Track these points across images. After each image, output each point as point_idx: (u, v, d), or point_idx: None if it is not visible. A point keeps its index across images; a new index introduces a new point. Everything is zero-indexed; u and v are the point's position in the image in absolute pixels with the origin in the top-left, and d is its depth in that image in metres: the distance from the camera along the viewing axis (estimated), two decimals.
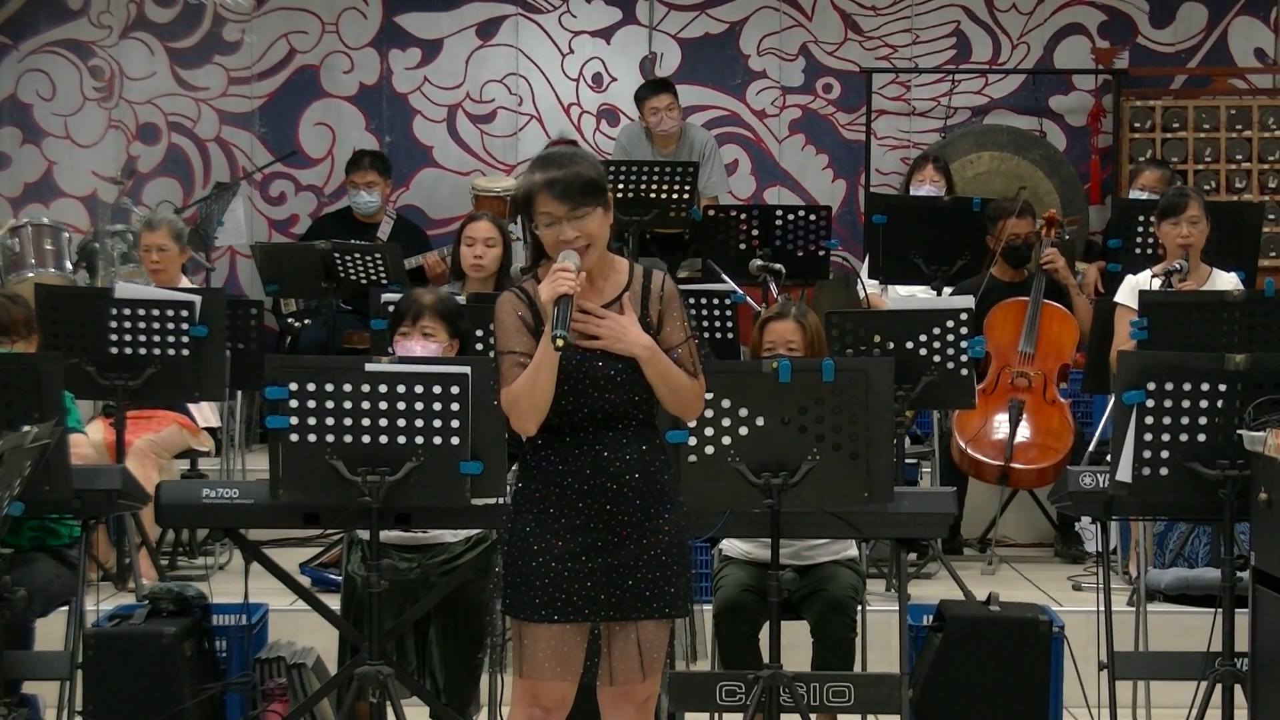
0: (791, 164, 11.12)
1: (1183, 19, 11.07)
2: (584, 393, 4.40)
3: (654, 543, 4.44)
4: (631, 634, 4.45)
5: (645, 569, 4.43)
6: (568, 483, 4.42)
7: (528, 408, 4.34)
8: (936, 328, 7.03)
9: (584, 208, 4.35)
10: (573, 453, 4.42)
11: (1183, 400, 5.25)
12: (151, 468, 7.46)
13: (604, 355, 4.40)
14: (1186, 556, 7.19)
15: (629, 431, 4.44)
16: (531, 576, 4.41)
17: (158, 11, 10.98)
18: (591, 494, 4.41)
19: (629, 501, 4.42)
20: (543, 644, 4.42)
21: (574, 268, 4.31)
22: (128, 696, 5.63)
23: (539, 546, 4.42)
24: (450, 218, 10.73)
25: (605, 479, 4.42)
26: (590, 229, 4.36)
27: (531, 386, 4.33)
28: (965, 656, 5.77)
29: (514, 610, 4.45)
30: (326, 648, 6.02)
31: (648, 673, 4.49)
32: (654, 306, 4.47)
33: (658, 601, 4.44)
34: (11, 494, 4.96)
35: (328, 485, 5.16)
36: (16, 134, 10.97)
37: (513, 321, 4.43)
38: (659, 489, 4.47)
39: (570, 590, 4.40)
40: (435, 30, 11.06)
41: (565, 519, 4.42)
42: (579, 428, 4.42)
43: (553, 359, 4.31)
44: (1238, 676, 5.34)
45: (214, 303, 7.22)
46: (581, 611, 4.40)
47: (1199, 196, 7.59)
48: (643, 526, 4.43)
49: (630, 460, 4.43)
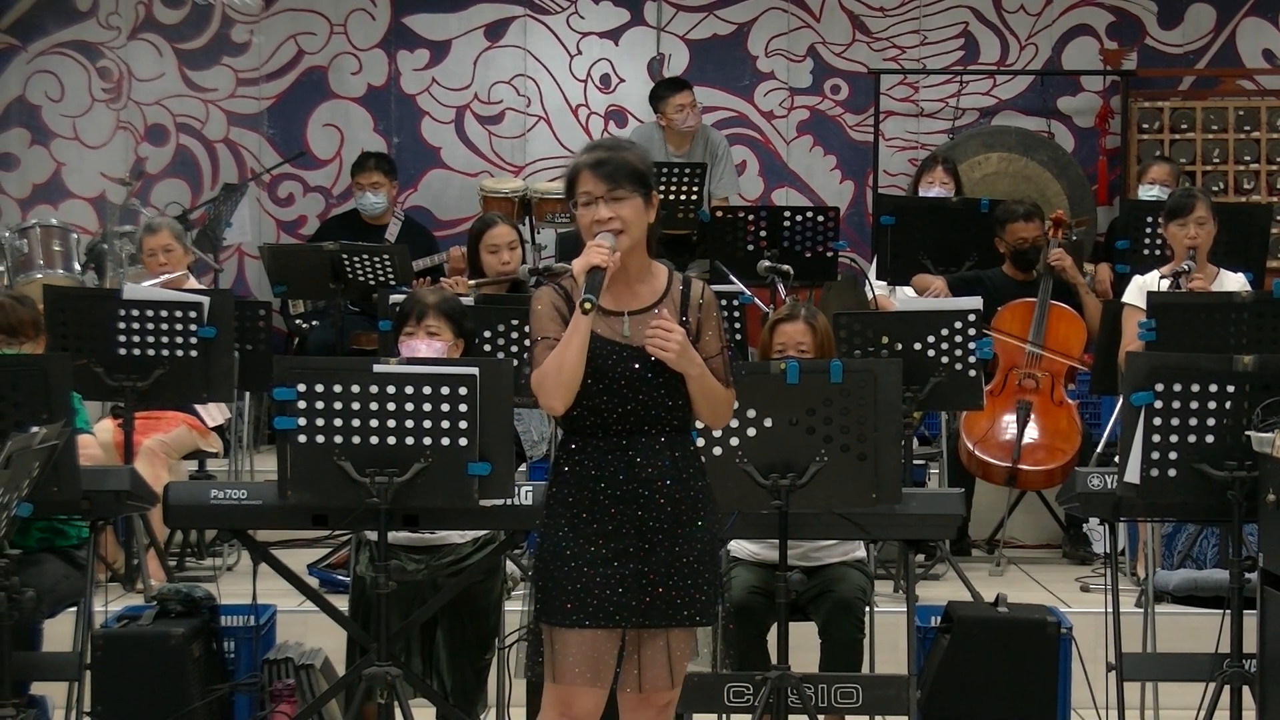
0: (799, 165, 11.12)
1: (1191, 20, 11.06)
2: (618, 391, 4.39)
3: (686, 550, 4.43)
4: (661, 641, 4.44)
5: (676, 576, 4.41)
6: (601, 487, 4.41)
7: (555, 384, 4.32)
8: (945, 329, 7.03)
9: (622, 190, 4.36)
10: (606, 457, 4.41)
11: (1191, 401, 5.25)
12: (160, 468, 7.47)
13: (641, 356, 4.39)
14: (1195, 558, 7.18)
15: (662, 437, 4.43)
16: (564, 581, 4.39)
17: (166, 13, 10.99)
18: (624, 499, 4.40)
19: (660, 508, 4.41)
20: (574, 650, 4.39)
21: (609, 245, 4.32)
22: (136, 697, 5.64)
23: (571, 550, 4.40)
24: (458, 219, 10.74)
25: (638, 484, 4.40)
26: (626, 214, 4.37)
27: (560, 362, 4.31)
28: (973, 658, 5.77)
29: (545, 616, 4.42)
30: (335, 649, 6.03)
31: (676, 680, 4.48)
32: (693, 314, 4.47)
33: (688, 609, 4.43)
34: (20, 495, 4.96)
35: (336, 486, 5.17)
36: (25, 135, 10.99)
37: (549, 311, 4.43)
38: (692, 495, 4.45)
39: (602, 596, 4.37)
40: (443, 31, 11.06)
41: (598, 524, 4.40)
42: (612, 431, 4.41)
43: (583, 332, 4.30)
44: (1246, 678, 5.33)
45: (222, 304, 7.23)
46: (613, 617, 4.38)
47: (1206, 197, 7.57)
48: (674, 533, 4.42)
49: (664, 466, 4.42)
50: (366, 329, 9.21)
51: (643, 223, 4.41)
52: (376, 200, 9.96)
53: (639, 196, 4.39)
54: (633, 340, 4.39)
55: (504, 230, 7.82)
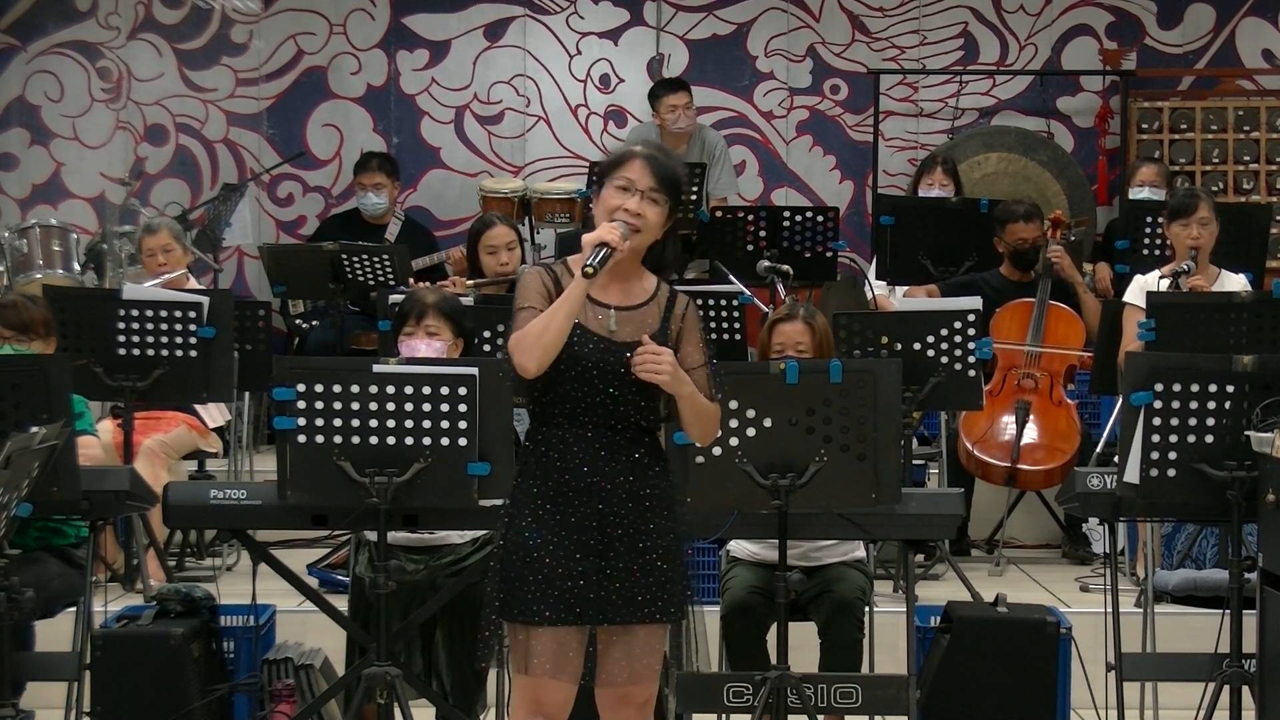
0: (799, 165, 11.12)
1: (1190, 20, 11.06)
2: (590, 382, 4.43)
3: (648, 547, 4.46)
4: (627, 637, 4.47)
5: (640, 573, 4.45)
6: (565, 479, 4.45)
7: (535, 344, 4.35)
8: (944, 329, 7.03)
9: (660, 193, 4.44)
10: (572, 448, 4.45)
11: (1190, 401, 5.25)
12: (160, 468, 7.47)
13: (618, 350, 4.44)
14: (1194, 558, 7.18)
15: (629, 433, 4.47)
16: (527, 573, 4.42)
17: (165, 13, 10.99)
18: (587, 491, 4.44)
19: (622, 503, 4.45)
20: (539, 644, 4.43)
21: (621, 233, 4.38)
22: (135, 697, 5.64)
23: (535, 541, 4.43)
24: (458, 219, 10.75)
25: (600, 478, 4.44)
26: (650, 216, 4.44)
27: (547, 323, 4.35)
28: (973, 658, 5.77)
29: (510, 612, 4.45)
30: (334, 649, 6.03)
31: (638, 677, 4.49)
32: (674, 324, 4.52)
33: (649, 607, 4.46)
34: (19, 495, 4.96)
35: (335, 486, 5.17)
36: (25, 135, 10.99)
37: (537, 285, 4.47)
38: (655, 494, 4.49)
39: (564, 588, 4.41)
40: (443, 31, 11.06)
41: (561, 515, 4.44)
42: (580, 422, 4.45)
43: (575, 300, 4.34)
44: (1245, 678, 5.33)
45: (222, 304, 7.23)
46: (574, 610, 4.41)
47: (1209, 198, 7.56)
48: (636, 530, 4.46)
49: (627, 462, 4.46)
50: (366, 329, 9.20)
51: (656, 232, 4.48)
52: (379, 200, 9.96)
53: (668, 204, 4.47)
54: (617, 336, 4.44)
55: (503, 231, 7.82)
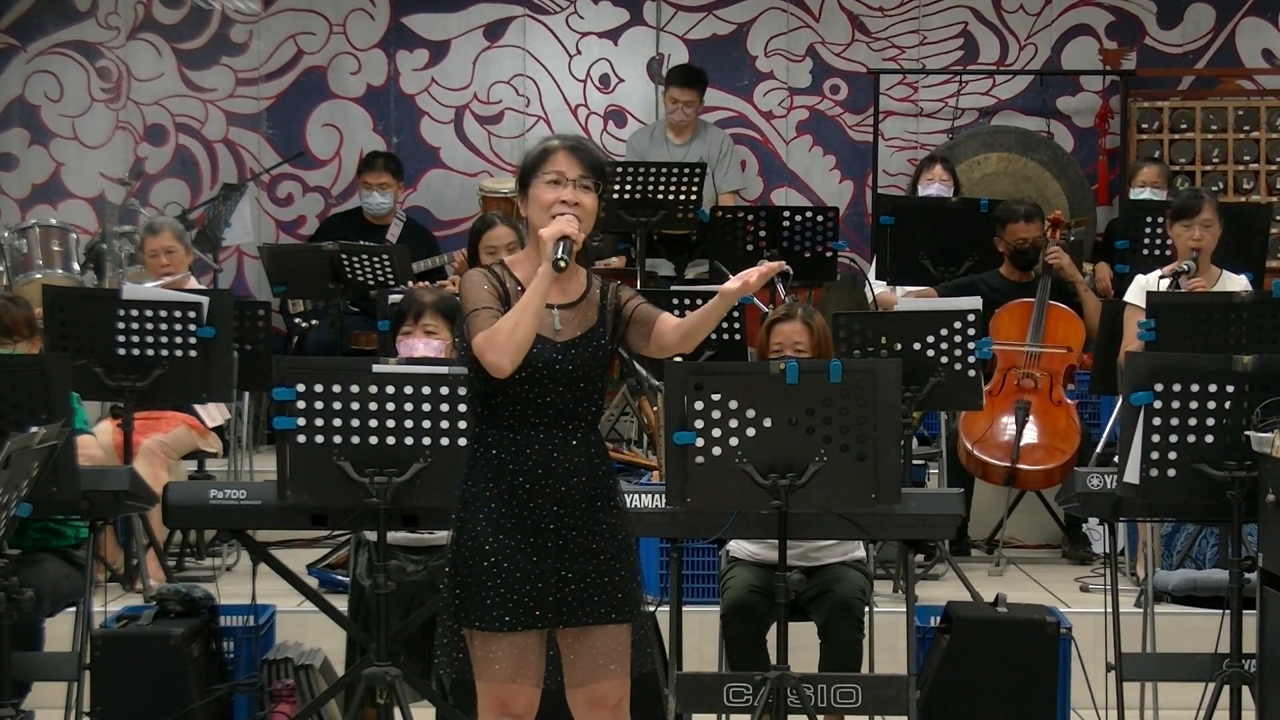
0: (799, 165, 11.12)
1: (1190, 20, 11.06)
2: (539, 382, 4.43)
3: (602, 547, 4.47)
4: (582, 639, 4.47)
5: (594, 573, 4.46)
6: (519, 482, 4.44)
7: (506, 341, 4.34)
8: (944, 329, 7.03)
9: (590, 179, 4.49)
10: (524, 452, 4.44)
11: (1190, 401, 5.25)
12: (160, 469, 7.47)
13: (563, 349, 4.46)
14: (1194, 558, 7.18)
15: (578, 434, 4.48)
16: (485, 579, 4.40)
17: (165, 13, 10.98)
18: (540, 493, 4.44)
19: (575, 503, 4.45)
20: (497, 649, 4.42)
21: (578, 225, 4.43)
22: (135, 697, 5.64)
23: (491, 545, 4.42)
24: (458, 219, 10.75)
25: (554, 479, 4.44)
26: (586, 204, 4.48)
27: (516, 322, 4.34)
28: (973, 658, 5.77)
29: (467, 619, 4.43)
30: (334, 649, 6.03)
31: (606, 675, 4.49)
32: (610, 303, 4.57)
33: (605, 607, 4.46)
34: (19, 495, 4.96)
35: (335, 486, 5.17)
36: (24, 135, 10.98)
37: (483, 283, 4.48)
38: (604, 492, 4.50)
39: (523, 592, 4.40)
40: (443, 31, 11.06)
41: (516, 518, 4.43)
42: (529, 423, 4.44)
43: (543, 293, 4.35)
44: (1245, 678, 5.34)
45: (221, 304, 7.23)
46: (533, 614, 4.41)
47: (1213, 200, 7.56)
48: (590, 530, 4.46)
49: (578, 462, 4.47)
50: (366, 329, 9.21)
51: (592, 218, 4.52)
52: (383, 200, 9.97)
53: (597, 191, 4.52)
54: (561, 335, 4.47)
55: (502, 231, 7.81)
